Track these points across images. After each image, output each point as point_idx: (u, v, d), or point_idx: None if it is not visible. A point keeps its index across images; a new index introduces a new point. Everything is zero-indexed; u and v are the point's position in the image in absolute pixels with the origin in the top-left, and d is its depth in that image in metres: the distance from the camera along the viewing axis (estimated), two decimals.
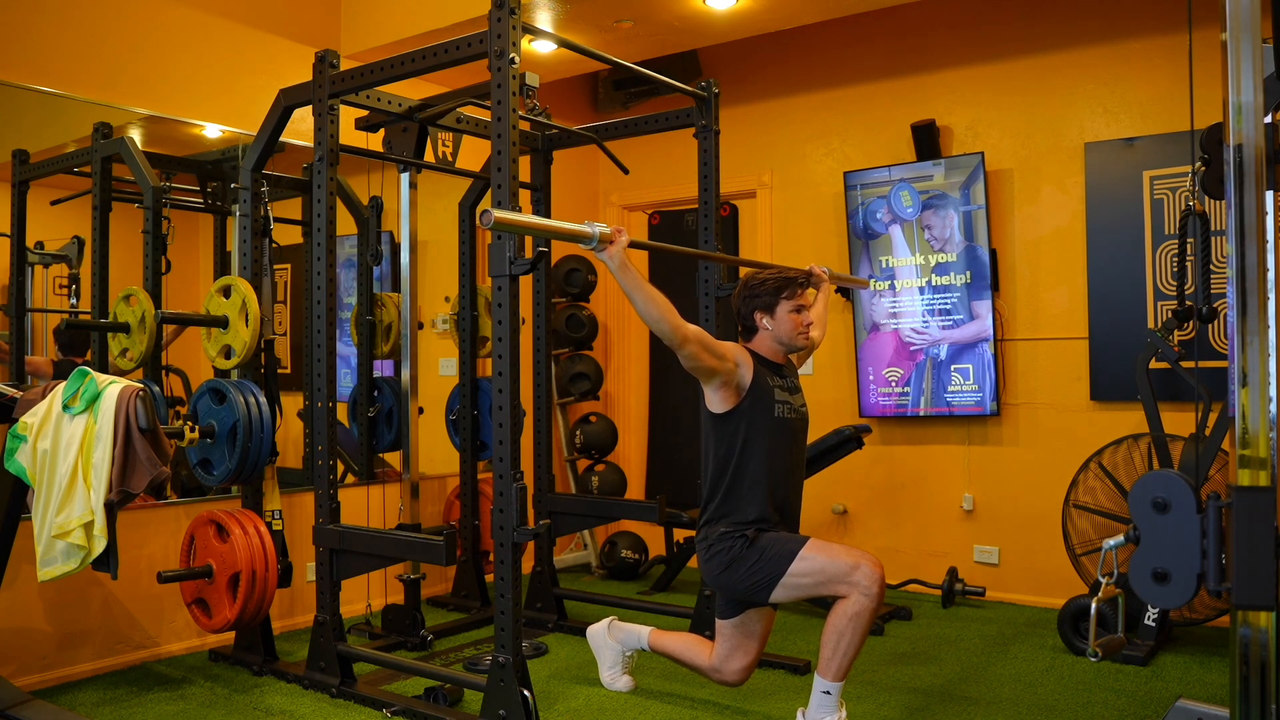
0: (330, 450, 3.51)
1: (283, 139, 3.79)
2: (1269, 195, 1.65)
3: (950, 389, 4.81)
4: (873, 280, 4.97)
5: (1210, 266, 3.69)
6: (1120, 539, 1.90)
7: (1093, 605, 2.20)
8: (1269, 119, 1.68)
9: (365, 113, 4.02)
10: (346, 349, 4.63)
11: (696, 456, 3.18)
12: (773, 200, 5.47)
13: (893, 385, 4.96)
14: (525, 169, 4.53)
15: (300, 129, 4.12)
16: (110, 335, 3.79)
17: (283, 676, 3.58)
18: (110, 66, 3.89)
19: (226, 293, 3.68)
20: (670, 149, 5.11)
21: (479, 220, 2.50)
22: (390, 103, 3.90)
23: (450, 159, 4.50)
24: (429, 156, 4.30)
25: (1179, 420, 4.03)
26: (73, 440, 2.95)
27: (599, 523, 5.22)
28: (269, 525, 3.60)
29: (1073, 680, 3.52)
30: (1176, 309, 3.81)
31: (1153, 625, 3.76)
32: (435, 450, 4.74)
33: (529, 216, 2.68)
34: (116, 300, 3.79)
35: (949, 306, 4.81)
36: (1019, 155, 4.75)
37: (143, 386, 2.97)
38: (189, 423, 3.49)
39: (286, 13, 4.63)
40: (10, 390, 3.16)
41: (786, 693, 3.39)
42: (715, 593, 3.00)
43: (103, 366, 3.80)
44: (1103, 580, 2.08)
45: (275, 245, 3.80)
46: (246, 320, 3.61)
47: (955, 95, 4.92)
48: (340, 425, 4.15)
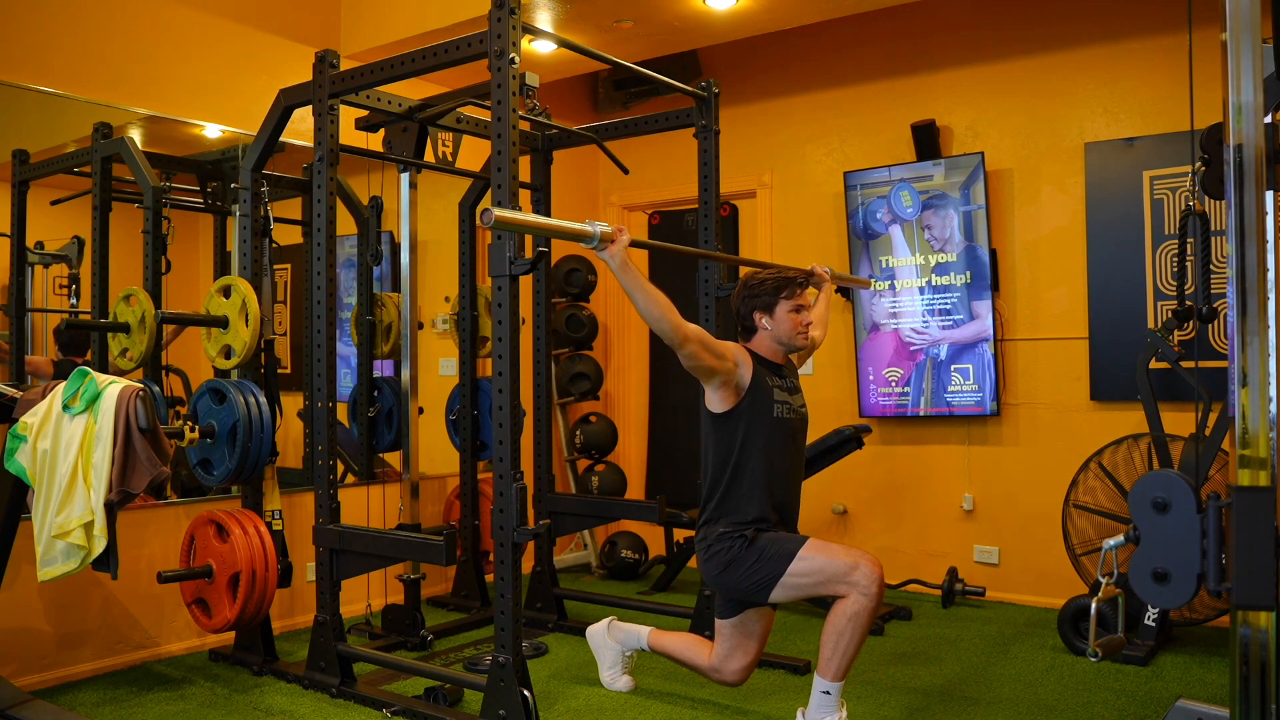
0: (330, 450, 3.51)
1: (283, 139, 3.79)
2: (1269, 195, 1.65)
3: (950, 389, 4.81)
4: (873, 280, 4.97)
5: (1210, 266, 3.69)
6: (1120, 539, 1.90)
7: (1093, 605, 2.20)
8: (1269, 119, 1.68)
9: (365, 113, 4.02)
10: (346, 349, 4.62)
11: (696, 456, 3.18)
12: (773, 200, 5.47)
13: (893, 385, 4.96)
14: (525, 169, 4.53)
15: (300, 129, 4.12)
16: (110, 335, 3.79)
17: (283, 676, 3.58)
18: (110, 66, 3.89)
19: (226, 293, 3.68)
20: (670, 149, 5.11)
21: (480, 219, 2.50)
22: (390, 103, 3.90)
23: (450, 159, 4.49)
24: (429, 156, 4.30)
25: (1179, 420, 4.03)
26: (73, 440, 2.95)
27: (599, 523, 5.23)
28: (269, 525, 3.60)
29: (1073, 680, 3.52)
30: (1176, 309, 3.81)
31: (1153, 625, 3.76)
32: (435, 450, 4.74)
33: (530, 215, 2.68)
34: (116, 300, 3.79)
35: (949, 306, 4.81)
36: (1019, 155, 4.75)
37: (143, 386, 2.97)
38: (189, 423, 3.49)
39: (286, 13, 4.63)
40: (10, 390, 3.16)
41: (786, 693, 3.39)
42: (715, 592, 3.00)
43: (103, 366, 3.79)
44: (1103, 580, 2.08)
45: (275, 245, 3.80)
46: (246, 320, 3.61)
47: (955, 95, 4.92)
48: (340, 425, 4.15)
